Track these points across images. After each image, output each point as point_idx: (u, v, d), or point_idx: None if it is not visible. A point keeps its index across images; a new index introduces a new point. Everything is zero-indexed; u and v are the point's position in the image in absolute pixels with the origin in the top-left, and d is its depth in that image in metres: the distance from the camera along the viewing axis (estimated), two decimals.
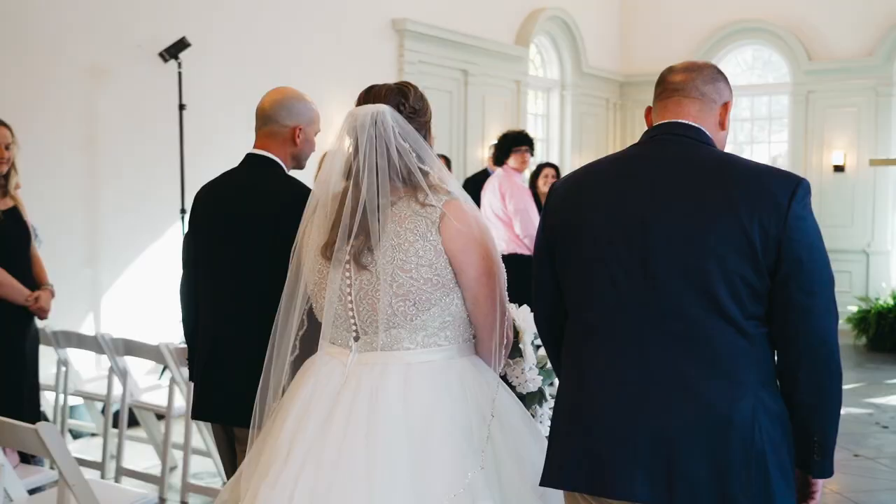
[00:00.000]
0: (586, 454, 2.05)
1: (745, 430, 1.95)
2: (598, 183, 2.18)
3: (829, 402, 2.03)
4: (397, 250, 2.23)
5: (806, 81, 11.31)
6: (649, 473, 1.98)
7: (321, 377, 2.31)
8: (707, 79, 2.20)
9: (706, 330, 1.98)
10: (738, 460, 1.95)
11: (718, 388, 1.97)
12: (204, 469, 5.19)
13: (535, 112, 11.41)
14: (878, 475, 5.22)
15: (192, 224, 3.07)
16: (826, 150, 10.96)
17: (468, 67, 9.67)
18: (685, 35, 12.04)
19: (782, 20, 11.37)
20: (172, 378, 4.71)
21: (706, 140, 2.14)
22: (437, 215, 2.24)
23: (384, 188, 2.24)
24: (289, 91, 3.00)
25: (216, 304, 2.91)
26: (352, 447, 2.16)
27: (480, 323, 2.34)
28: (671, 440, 1.97)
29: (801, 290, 1.97)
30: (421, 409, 2.20)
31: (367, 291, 2.26)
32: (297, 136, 2.95)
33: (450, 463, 2.17)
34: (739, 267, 1.96)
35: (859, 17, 10.92)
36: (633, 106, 12.54)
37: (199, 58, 6.76)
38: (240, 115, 7.21)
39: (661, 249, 2.01)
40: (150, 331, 6.20)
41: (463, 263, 2.26)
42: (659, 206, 2.04)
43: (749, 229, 1.95)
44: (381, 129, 2.26)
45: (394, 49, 8.85)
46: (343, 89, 8.27)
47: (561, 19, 11.16)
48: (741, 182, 2.00)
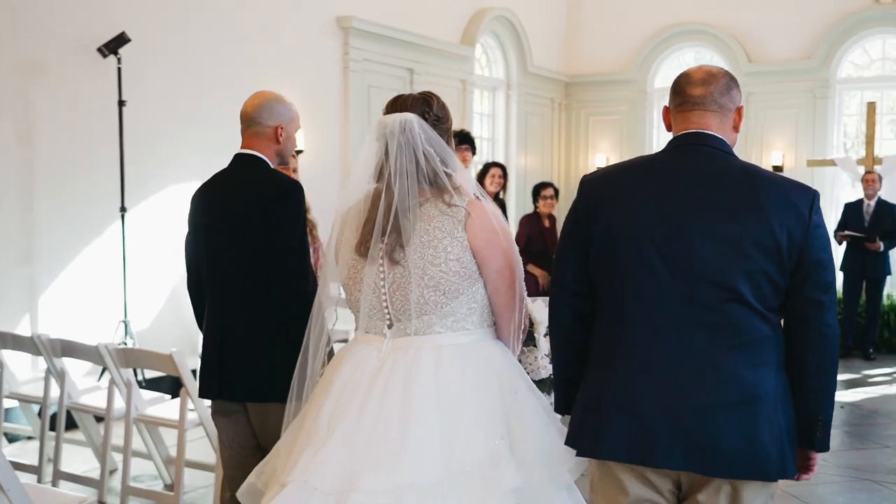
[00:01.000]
0: (627, 427, 2.28)
1: (769, 405, 2.25)
2: (636, 184, 2.41)
3: (832, 384, 2.33)
4: (427, 247, 2.48)
5: (746, 83, 11.49)
6: (685, 444, 2.24)
7: (359, 362, 2.54)
8: (723, 90, 2.42)
9: (735, 319, 2.26)
10: (765, 427, 2.24)
11: (746, 368, 2.25)
12: (144, 472, 5.11)
13: (481, 111, 11.44)
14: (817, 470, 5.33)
15: (192, 224, 3.33)
16: (766, 151, 11.18)
17: (414, 66, 9.65)
18: (629, 37, 12.18)
19: (723, 23, 11.57)
20: (112, 379, 4.62)
21: (727, 149, 2.41)
22: (463, 215, 2.49)
23: (413, 190, 2.49)
24: (268, 94, 3.28)
25: (223, 295, 3.18)
26: (387, 420, 2.39)
27: (500, 309, 2.59)
28: (706, 414, 2.23)
29: (817, 287, 2.28)
30: (451, 385, 2.45)
31: (400, 284, 2.50)
32: (279, 135, 3.23)
33: (476, 433, 2.40)
34: (766, 266, 2.25)
35: (797, 21, 11.16)
36: (578, 106, 12.65)
37: (139, 53, 6.65)
38: (182, 111, 7.13)
39: (698, 248, 2.27)
40: (89, 331, 6.07)
41: (486, 257, 2.51)
42: (695, 208, 2.30)
43: (778, 234, 2.25)
44: (409, 135, 2.51)
45: (339, 47, 8.80)
46: (287, 86, 8.19)
47: (506, 19, 11.21)
48: (767, 192, 2.29)
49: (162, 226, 6.98)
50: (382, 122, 2.56)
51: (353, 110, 8.94)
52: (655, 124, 12.43)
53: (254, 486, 2.69)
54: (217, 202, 3.22)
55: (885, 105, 11.19)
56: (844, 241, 8.89)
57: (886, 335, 9.34)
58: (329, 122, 8.76)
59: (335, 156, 8.83)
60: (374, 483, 2.32)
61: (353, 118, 8.94)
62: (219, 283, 3.20)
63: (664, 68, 12.37)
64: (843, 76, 11.29)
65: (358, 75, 8.97)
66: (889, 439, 6.08)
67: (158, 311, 7.01)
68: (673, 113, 2.48)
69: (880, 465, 5.53)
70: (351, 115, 8.91)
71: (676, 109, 2.46)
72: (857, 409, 6.91)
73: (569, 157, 12.76)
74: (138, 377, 6.18)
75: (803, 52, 11.19)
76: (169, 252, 7.06)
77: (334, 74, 8.81)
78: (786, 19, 11.24)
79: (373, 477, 2.33)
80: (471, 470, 2.37)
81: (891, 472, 5.37)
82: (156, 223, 6.94)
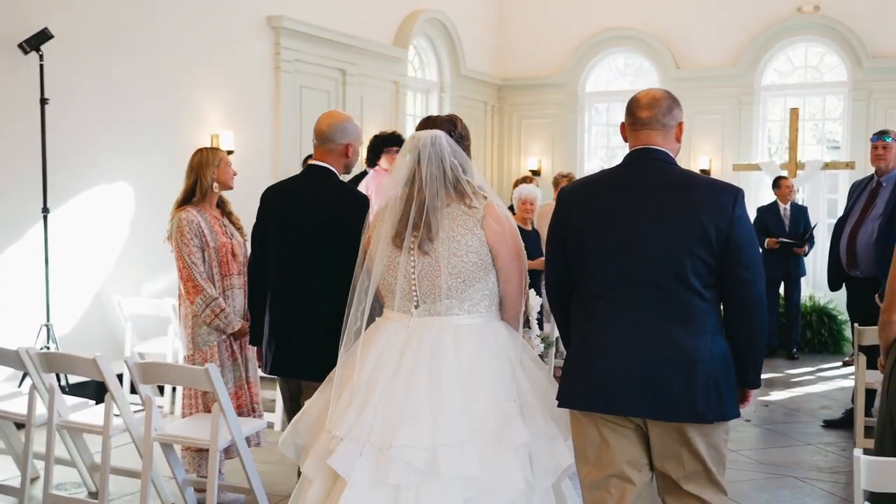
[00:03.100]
0: (596, 384, 2.91)
1: (705, 363, 2.84)
2: (598, 191, 3.05)
3: (761, 338, 2.95)
4: (452, 241, 3.02)
5: (674, 89, 11.55)
6: (642, 396, 2.85)
7: (391, 335, 3.08)
8: (665, 111, 3.01)
9: (678, 296, 2.86)
10: (701, 383, 2.83)
11: (687, 336, 2.85)
12: (68, 479, 4.98)
13: (415, 113, 11.44)
14: (741, 467, 5.44)
15: (262, 218, 3.91)
16: (693, 155, 11.39)
17: (346, 67, 9.60)
18: (561, 41, 12.31)
19: (653, 30, 11.77)
20: (33, 385, 4.49)
21: (670, 160, 3.01)
22: (480, 216, 3.04)
23: (441, 193, 3.03)
24: (341, 115, 3.91)
25: (285, 284, 3.75)
26: (417, 386, 2.94)
27: (509, 294, 3.15)
28: (655, 372, 2.84)
29: (741, 265, 2.86)
30: (468, 358, 3.00)
31: (428, 272, 3.04)
32: (349, 151, 3.85)
33: (491, 398, 2.95)
34: (700, 252, 2.83)
35: (724, 29, 11.41)
36: (511, 109, 12.73)
37: (63, 51, 6.49)
38: (109, 111, 6.97)
39: (646, 240, 2.86)
40: (10, 335, 5.90)
41: (499, 251, 3.07)
42: (644, 208, 2.89)
43: (707, 227, 2.83)
44: (438, 148, 3.05)
45: (269, 47, 8.70)
46: (216, 85, 8.10)
47: (440, 21, 11.23)
48: (698, 193, 2.89)
49: (87, 227, 6.81)
50: (416, 136, 3.10)
51: (285, 111, 8.84)
52: (587, 128, 12.58)
53: (292, 438, 3.27)
54: (291, 207, 3.77)
55: (808, 111, 11.51)
56: (776, 246, 9.03)
57: (809, 335, 9.59)
58: (260, 123, 8.65)
59: (266, 156, 8.72)
60: (410, 439, 2.85)
61: (285, 118, 8.84)
62: (286, 277, 3.76)
63: (595, 72, 12.52)
64: (768, 83, 11.58)
65: (289, 76, 8.88)
66: (811, 437, 6.24)
67: (82, 315, 6.84)
68: (628, 130, 3.07)
69: (803, 461, 5.67)
70: (282, 115, 8.81)
71: (630, 128, 3.06)
72: (781, 407, 7.08)
73: (501, 159, 12.84)
74: (61, 382, 6.01)
75: (729, 60, 11.44)
76: (94, 254, 6.91)
77: (265, 74, 8.71)
78: (713, 27, 11.48)
79: (408, 434, 2.85)
80: (489, 429, 2.91)
81: (813, 469, 5.51)
82: (80, 224, 6.77)
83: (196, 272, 4.53)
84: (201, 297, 4.53)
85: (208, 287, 4.55)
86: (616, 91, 12.41)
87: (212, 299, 4.54)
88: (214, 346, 4.63)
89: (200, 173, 4.62)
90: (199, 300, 4.54)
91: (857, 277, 6.17)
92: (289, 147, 8.86)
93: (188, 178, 4.66)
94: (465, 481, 2.86)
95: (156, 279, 7.29)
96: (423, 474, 2.84)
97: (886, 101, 10.72)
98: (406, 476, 2.84)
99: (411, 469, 2.85)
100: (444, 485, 2.85)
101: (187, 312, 4.65)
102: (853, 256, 6.15)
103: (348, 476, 2.88)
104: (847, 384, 7.73)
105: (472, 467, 2.86)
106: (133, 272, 7.18)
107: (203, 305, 4.54)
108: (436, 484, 2.84)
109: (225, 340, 4.68)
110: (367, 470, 2.88)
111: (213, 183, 4.64)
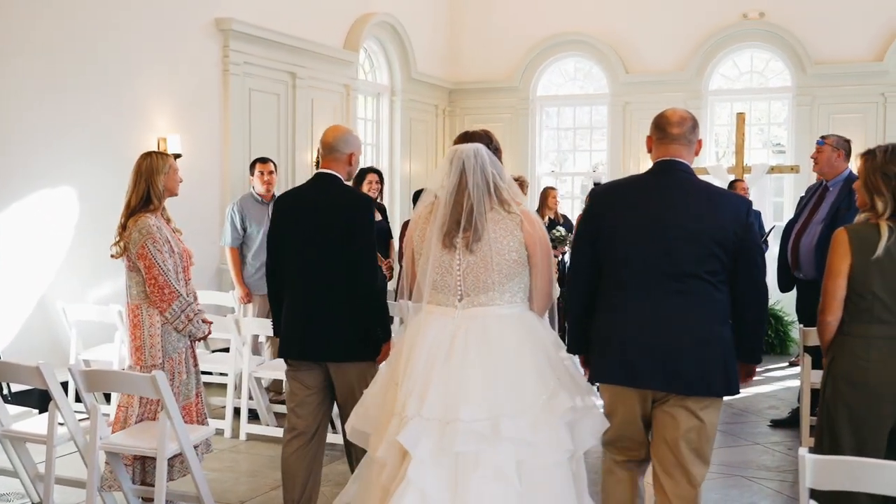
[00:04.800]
0: (622, 362, 3.45)
1: (716, 345, 3.40)
2: (629, 194, 3.59)
3: (764, 321, 3.59)
4: (494, 242, 3.40)
5: (623, 93, 11.87)
6: (662, 372, 3.39)
7: (440, 327, 3.41)
8: (690, 129, 3.57)
9: (696, 288, 3.39)
10: (715, 361, 3.40)
11: (702, 321, 3.40)
12: (11, 489, 4.87)
13: (365, 117, 11.40)
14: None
15: (275, 222, 4.34)
16: (643, 158, 11.49)
17: (296, 70, 9.54)
18: (511, 45, 12.36)
19: (603, 35, 11.88)
20: None
21: (690, 171, 3.55)
22: (518, 220, 3.43)
23: (484, 199, 3.41)
24: (344, 128, 4.41)
25: (309, 283, 4.17)
26: (472, 365, 3.30)
27: (539, 287, 3.52)
28: (674, 352, 3.38)
29: (750, 262, 3.43)
30: (512, 344, 3.37)
31: (472, 268, 3.41)
32: (351, 160, 4.31)
33: (539, 375, 3.35)
34: (718, 252, 3.38)
35: (672, 34, 11.57)
36: (462, 112, 12.75)
37: (4, 50, 6.35)
38: (52, 112, 6.83)
39: (671, 238, 3.39)
40: None
41: (534, 250, 3.46)
42: (670, 211, 3.42)
43: (727, 231, 3.38)
44: (480, 159, 3.43)
45: (218, 49, 8.59)
46: (164, 87, 7.99)
47: (390, 25, 11.21)
48: (719, 200, 3.48)
49: (29, 231, 6.67)
50: (459, 149, 3.47)
51: (234, 113, 8.75)
52: (538, 131, 12.65)
53: (358, 425, 3.61)
54: (304, 211, 4.20)
55: (753, 116, 11.71)
56: None
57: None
58: (209, 125, 8.53)
59: (214, 159, 8.61)
60: (471, 413, 3.20)
61: (234, 121, 8.74)
62: (305, 274, 4.16)
63: (546, 77, 12.60)
64: (715, 87, 11.76)
65: (238, 78, 8.79)
66: (759, 436, 6.34)
67: (25, 321, 6.68)
68: (655, 142, 3.60)
69: (751, 461, 5.76)
70: (231, 118, 8.71)
71: (658, 141, 3.58)
72: (729, 407, 7.15)
73: None
74: (3, 391, 5.87)
75: (678, 64, 11.60)
76: (37, 259, 6.76)
77: (214, 77, 8.60)
78: (661, 33, 11.63)
79: (469, 409, 3.20)
80: (540, 403, 3.29)
81: (761, 468, 5.60)
82: (23, 228, 6.62)
83: (171, 278, 4.46)
84: (177, 303, 4.47)
85: (183, 292, 4.51)
86: (566, 95, 12.51)
87: (187, 304, 4.51)
88: (182, 353, 4.57)
89: (151, 180, 4.53)
90: (175, 306, 4.47)
91: (801, 280, 6.27)
92: (237, 150, 8.76)
93: (137, 185, 4.54)
94: (518, 445, 3.22)
95: (101, 285, 7.15)
96: (486, 440, 3.19)
97: (829, 106, 10.96)
98: (472, 444, 3.19)
99: (476, 436, 3.19)
100: (500, 449, 3.20)
101: (153, 321, 4.52)
102: (797, 259, 6.25)
103: (413, 450, 3.20)
104: (793, 384, 7.83)
105: (527, 433, 3.24)
106: (78, 277, 7.03)
107: (178, 311, 4.48)
108: (494, 449, 3.19)
109: (189, 347, 4.62)
110: (431, 444, 3.21)
111: (162, 190, 4.57)
